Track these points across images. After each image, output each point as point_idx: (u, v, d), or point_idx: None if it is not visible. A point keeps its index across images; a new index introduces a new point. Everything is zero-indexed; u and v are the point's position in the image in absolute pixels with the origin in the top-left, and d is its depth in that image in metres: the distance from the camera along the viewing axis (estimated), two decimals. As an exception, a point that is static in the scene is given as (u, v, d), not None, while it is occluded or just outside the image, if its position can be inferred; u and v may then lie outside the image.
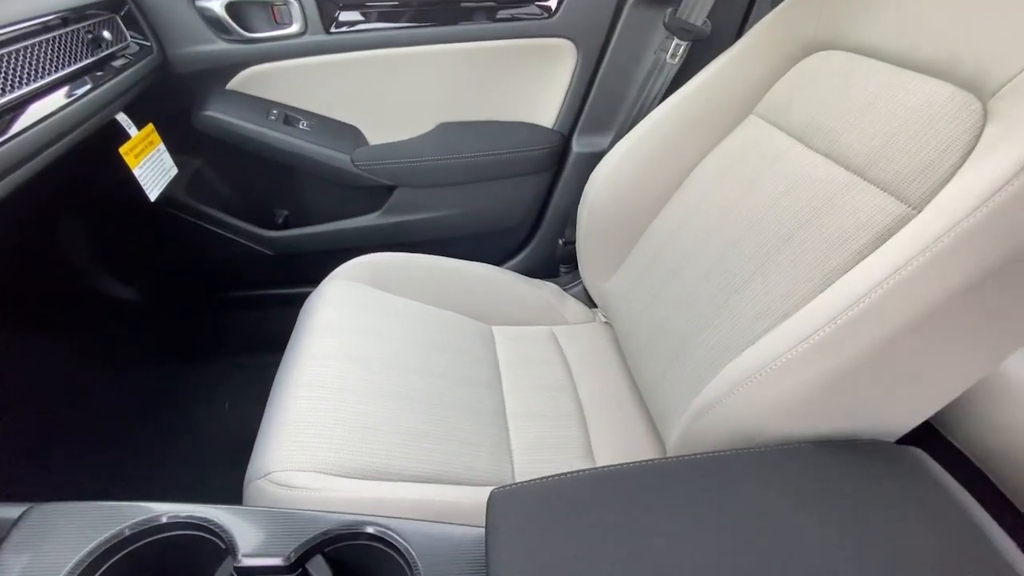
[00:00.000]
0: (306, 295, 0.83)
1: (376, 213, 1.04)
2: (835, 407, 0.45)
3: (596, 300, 0.95)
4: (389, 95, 0.97)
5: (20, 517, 0.42)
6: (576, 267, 0.97)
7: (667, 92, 0.87)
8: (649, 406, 0.76)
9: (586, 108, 1.01)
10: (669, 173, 0.81)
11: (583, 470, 0.42)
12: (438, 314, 0.86)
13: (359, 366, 0.70)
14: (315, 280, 0.85)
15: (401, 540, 0.41)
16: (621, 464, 0.43)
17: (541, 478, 0.42)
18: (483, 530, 0.41)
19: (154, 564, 0.42)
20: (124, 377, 1.10)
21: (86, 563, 0.38)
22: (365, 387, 0.67)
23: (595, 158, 0.89)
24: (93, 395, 1.04)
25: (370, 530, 0.42)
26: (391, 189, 1.01)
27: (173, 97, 0.89)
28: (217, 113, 0.90)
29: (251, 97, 0.93)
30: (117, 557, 0.40)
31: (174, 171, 0.87)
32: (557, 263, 1.13)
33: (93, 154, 0.73)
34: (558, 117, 1.02)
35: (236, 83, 0.91)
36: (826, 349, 0.43)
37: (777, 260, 0.59)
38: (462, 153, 1.00)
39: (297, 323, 0.78)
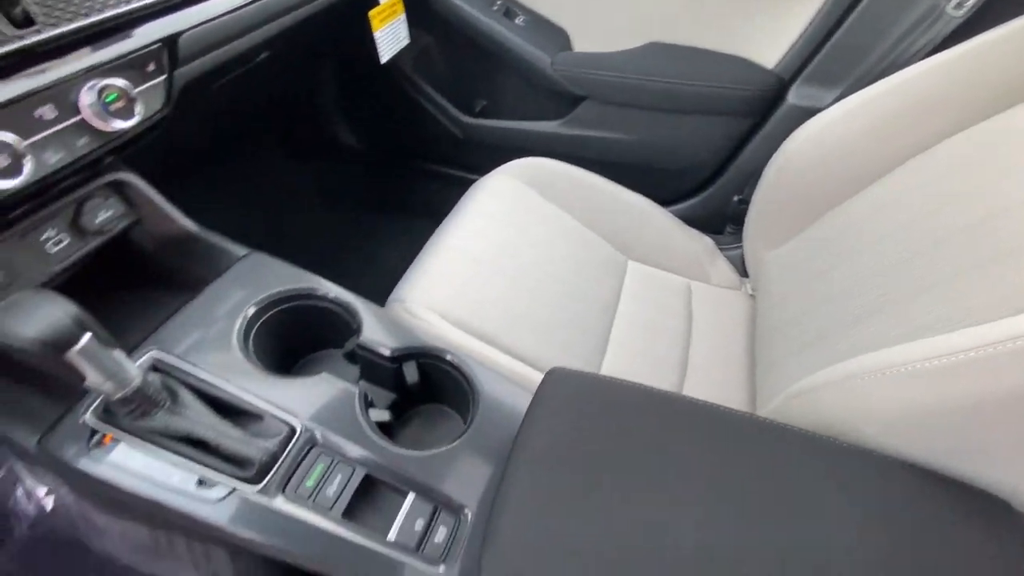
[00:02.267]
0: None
1: (558, 121, 1.06)
2: (955, 440, 0.38)
3: (750, 269, 0.88)
4: (604, 3, 0.95)
5: (243, 256, 0.60)
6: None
7: (933, 52, 0.70)
8: (758, 383, 0.71)
9: (820, 55, 0.87)
10: (891, 149, 0.68)
11: (650, 387, 0.42)
12: (581, 232, 0.88)
13: (497, 250, 0.78)
14: (489, 170, 0.93)
15: (472, 373, 0.52)
16: (688, 397, 0.42)
17: (602, 376, 0.44)
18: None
19: (308, 319, 0.57)
20: (327, 206, 1.35)
21: (267, 301, 0.55)
22: (496, 267, 0.75)
23: (810, 115, 0.78)
24: (302, 213, 1.31)
25: (450, 357, 0.51)
26: (579, 100, 1.02)
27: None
28: (450, -7, 0.98)
29: (483, -19, 0.99)
30: (287, 305, 0.57)
31: (407, 41, 0.99)
32: (725, 220, 1.05)
33: (346, 13, 0.87)
34: (782, 59, 0.89)
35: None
36: (972, 371, 0.36)
37: (980, 273, 0.48)
38: (664, 76, 0.94)
39: (459, 202, 0.88)
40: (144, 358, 0.48)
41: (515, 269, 0.76)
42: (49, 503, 0.80)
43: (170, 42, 0.52)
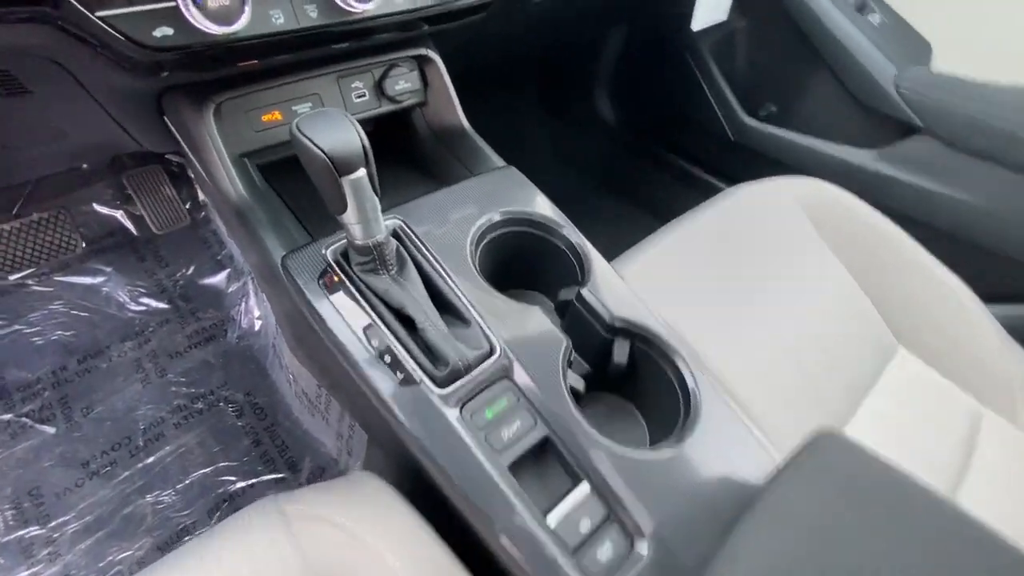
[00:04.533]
0: None
1: (869, 151, 0.85)
2: None
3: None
4: (1001, 17, 0.71)
5: (501, 167, 0.58)
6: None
7: None
8: None
9: None
10: None
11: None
12: (850, 288, 0.70)
13: (738, 265, 0.66)
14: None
15: (697, 389, 0.44)
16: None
17: (882, 458, 0.32)
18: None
19: (537, 250, 0.54)
20: (558, 167, 1.33)
21: (510, 216, 0.52)
22: (728, 282, 0.64)
23: None
24: (532, 165, 1.32)
25: (677, 360, 0.45)
26: (910, 131, 0.80)
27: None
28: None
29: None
30: (525, 229, 0.54)
31: (724, 17, 0.89)
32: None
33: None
34: None
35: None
36: None
37: None
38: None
39: (716, 197, 0.75)
40: (390, 221, 0.47)
41: (751, 293, 0.63)
42: (257, 325, 0.93)
43: None
